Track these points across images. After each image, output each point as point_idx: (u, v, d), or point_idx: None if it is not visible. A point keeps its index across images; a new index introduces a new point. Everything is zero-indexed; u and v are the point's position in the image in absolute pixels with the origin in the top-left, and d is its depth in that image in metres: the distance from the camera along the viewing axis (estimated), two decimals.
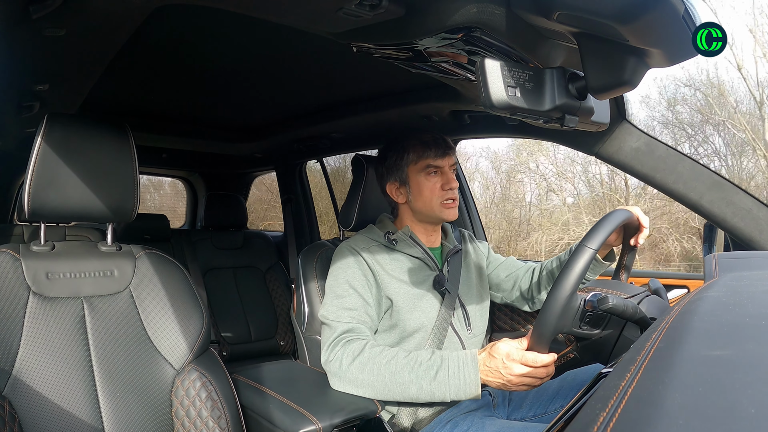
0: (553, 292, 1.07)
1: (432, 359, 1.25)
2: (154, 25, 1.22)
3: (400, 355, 1.28)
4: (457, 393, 1.21)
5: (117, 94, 1.99)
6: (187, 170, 3.81)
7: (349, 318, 1.37)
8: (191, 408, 1.25)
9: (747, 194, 1.33)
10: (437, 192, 1.49)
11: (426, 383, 1.22)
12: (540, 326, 1.09)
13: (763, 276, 0.82)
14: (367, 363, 1.28)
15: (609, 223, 1.15)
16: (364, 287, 1.41)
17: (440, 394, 1.22)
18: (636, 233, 1.35)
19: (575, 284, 1.06)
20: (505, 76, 0.88)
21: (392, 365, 1.26)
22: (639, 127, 1.43)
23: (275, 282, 3.17)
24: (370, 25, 1.07)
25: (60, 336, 1.17)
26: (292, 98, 2.11)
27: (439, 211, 1.49)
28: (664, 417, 0.35)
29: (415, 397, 1.24)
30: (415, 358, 1.27)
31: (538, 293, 1.64)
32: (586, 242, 1.09)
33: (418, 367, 1.24)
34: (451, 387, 1.21)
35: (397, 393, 1.25)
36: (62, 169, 1.22)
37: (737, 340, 0.49)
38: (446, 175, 1.50)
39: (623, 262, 1.39)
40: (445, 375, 1.22)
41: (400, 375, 1.24)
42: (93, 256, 1.30)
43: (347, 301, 1.39)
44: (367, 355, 1.29)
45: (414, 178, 1.51)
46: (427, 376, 1.23)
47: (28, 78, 1.41)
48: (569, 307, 1.10)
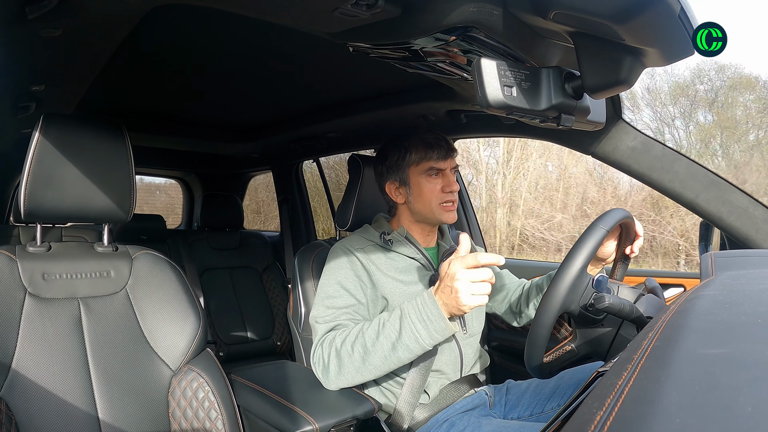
0: (563, 266, 1.09)
1: (393, 315, 1.24)
2: (150, 26, 1.22)
3: (365, 327, 1.27)
4: (429, 335, 1.18)
5: (113, 94, 1.98)
6: (183, 170, 3.80)
7: (335, 317, 1.37)
8: (188, 409, 1.25)
9: (743, 193, 1.34)
10: (437, 194, 1.47)
11: (397, 340, 1.20)
12: (548, 300, 1.10)
13: (760, 274, 0.82)
14: (341, 352, 1.28)
15: (619, 213, 1.19)
16: (357, 287, 1.40)
17: (414, 346, 1.19)
18: (632, 241, 1.35)
19: (586, 259, 1.09)
20: (501, 75, 0.88)
21: (360, 342, 1.25)
22: (635, 126, 1.44)
23: (272, 282, 3.17)
24: (366, 24, 1.07)
25: (56, 337, 1.17)
26: (289, 98, 2.10)
27: (438, 213, 1.48)
28: (661, 416, 0.35)
29: (397, 359, 1.22)
30: (379, 321, 1.26)
31: (526, 307, 1.64)
32: (599, 222, 1.13)
33: (383, 329, 1.23)
34: (421, 333, 1.18)
35: (379, 364, 1.24)
36: (58, 169, 1.21)
37: (734, 338, 0.49)
38: (447, 177, 1.49)
39: (619, 261, 1.39)
40: (409, 323, 1.20)
41: (373, 347, 1.23)
42: (89, 256, 1.30)
43: (337, 301, 1.39)
44: (338, 344, 1.29)
45: (415, 178, 1.49)
46: (393, 334, 1.21)
47: (24, 78, 1.40)
48: (578, 282, 1.10)
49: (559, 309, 1.10)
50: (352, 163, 1.76)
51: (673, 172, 1.39)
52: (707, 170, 1.37)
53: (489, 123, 1.86)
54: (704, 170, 1.37)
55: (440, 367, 1.43)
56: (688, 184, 1.38)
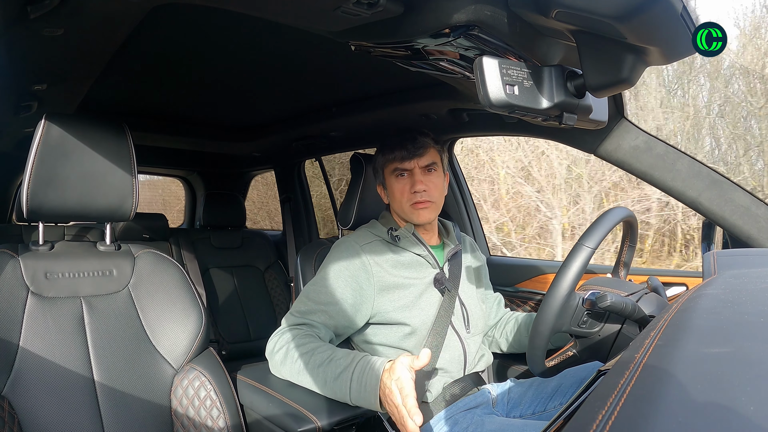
0: (551, 290, 1.07)
1: (344, 358, 1.23)
2: (151, 25, 1.22)
3: (321, 349, 1.28)
4: (357, 396, 1.17)
5: (115, 93, 1.99)
6: (185, 169, 3.80)
7: (311, 311, 1.39)
8: (190, 407, 1.25)
9: (745, 192, 1.34)
10: (407, 195, 1.50)
11: (333, 380, 1.21)
12: (538, 324, 1.09)
13: (762, 273, 0.82)
14: (290, 352, 1.30)
15: (607, 222, 1.13)
16: (347, 287, 1.41)
17: (341, 394, 1.20)
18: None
19: (573, 282, 1.06)
20: (504, 74, 0.88)
21: (309, 358, 1.27)
22: (637, 125, 1.43)
23: (274, 281, 3.17)
24: (368, 23, 1.07)
25: (59, 336, 1.17)
26: (291, 97, 2.10)
27: (410, 212, 1.50)
28: (663, 414, 0.35)
29: (329, 392, 1.23)
30: (333, 354, 1.26)
31: (498, 336, 1.67)
32: (583, 241, 1.09)
33: (329, 364, 1.24)
34: (352, 391, 1.18)
35: (310, 385, 1.26)
36: (60, 168, 1.21)
37: (736, 337, 0.49)
38: (414, 177, 1.49)
39: (622, 259, 1.39)
40: (347, 377, 1.19)
41: (314, 370, 1.25)
42: (92, 255, 1.30)
43: (320, 296, 1.41)
44: (294, 344, 1.31)
45: (388, 180, 1.55)
46: (332, 373, 1.22)
47: (26, 78, 1.41)
48: (567, 305, 1.10)
49: (551, 332, 1.09)
50: (354, 162, 1.77)
51: (676, 170, 1.39)
52: (710, 169, 1.37)
53: (491, 121, 1.85)
54: (707, 169, 1.37)
55: (443, 366, 1.43)
56: (691, 182, 1.37)
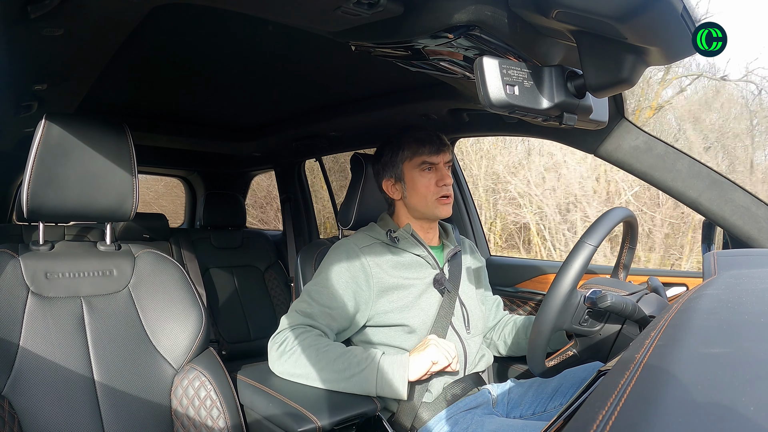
0: (553, 286, 1.08)
1: (365, 351, 1.32)
2: (152, 25, 1.22)
3: (335, 345, 1.34)
4: (382, 384, 1.26)
5: (115, 93, 1.99)
6: (185, 169, 3.80)
7: (313, 314, 1.39)
8: (190, 407, 1.25)
9: (745, 192, 1.34)
10: (432, 188, 1.50)
11: (354, 366, 1.28)
12: (539, 323, 1.09)
13: (762, 274, 0.82)
14: (305, 349, 1.32)
15: (608, 220, 1.14)
16: (346, 289, 1.41)
17: (365, 384, 1.27)
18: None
19: (575, 279, 1.07)
20: (504, 74, 0.88)
21: (324, 353, 1.31)
22: (637, 125, 1.43)
23: (274, 281, 3.17)
24: (368, 23, 1.07)
25: (59, 336, 1.18)
26: (291, 97, 2.11)
27: (434, 207, 1.51)
28: (664, 415, 0.35)
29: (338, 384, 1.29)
30: (349, 349, 1.33)
31: (497, 338, 1.67)
32: (585, 239, 1.09)
33: (348, 356, 1.30)
34: (380, 375, 1.26)
35: (325, 379, 1.30)
36: (61, 168, 1.21)
37: (736, 337, 0.49)
38: (441, 171, 1.52)
39: (622, 260, 1.39)
40: (374, 366, 1.28)
41: (332, 364, 1.29)
42: (92, 255, 1.30)
43: (321, 297, 1.41)
44: (307, 343, 1.33)
45: (409, 174, 1.53)
46: (355, 362, 1.28)
47: (27, 78, 1.41)
48: (569, 303, 1.10)
49: (552, 329, 1.10)
50: (354, 162, 1.77)
51: (676, 171, 1.39)
52: (710, 169, 1.37)
53: (491, 122, 1.85)
54: (707, 169, 1.37)
55: None
56: (691, 183, 1.37)
